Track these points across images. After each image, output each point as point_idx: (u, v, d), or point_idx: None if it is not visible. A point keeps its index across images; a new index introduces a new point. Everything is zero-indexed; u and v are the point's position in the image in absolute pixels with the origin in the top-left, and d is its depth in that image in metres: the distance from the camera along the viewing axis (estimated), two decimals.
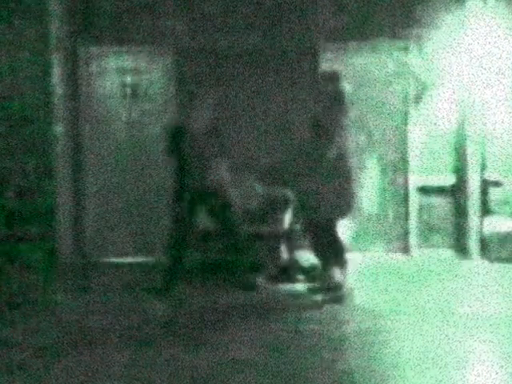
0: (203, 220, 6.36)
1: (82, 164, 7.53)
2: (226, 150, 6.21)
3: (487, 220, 7.20)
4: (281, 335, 4.81)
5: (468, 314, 5.19)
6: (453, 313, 5.27)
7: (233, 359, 4.27)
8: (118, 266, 7.37)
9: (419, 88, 7.32)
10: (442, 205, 7.38)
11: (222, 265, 6.25)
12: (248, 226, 6.74)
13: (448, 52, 7.29)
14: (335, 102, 5.74)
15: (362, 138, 7.20)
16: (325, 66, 7.32)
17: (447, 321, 5.09)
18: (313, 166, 5.78)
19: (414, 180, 7.37)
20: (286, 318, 5.24)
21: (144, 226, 7.61)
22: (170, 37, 7.38)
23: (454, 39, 7.26)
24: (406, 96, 7.39)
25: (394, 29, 7.28)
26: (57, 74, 7.04)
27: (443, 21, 7.27)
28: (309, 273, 6.61)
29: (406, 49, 7.33)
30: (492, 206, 7.22)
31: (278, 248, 6.73)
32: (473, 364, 4.11)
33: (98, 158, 7.61)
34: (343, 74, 7.27)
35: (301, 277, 6.59)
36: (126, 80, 7.55)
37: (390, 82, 7.43)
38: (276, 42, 7.34)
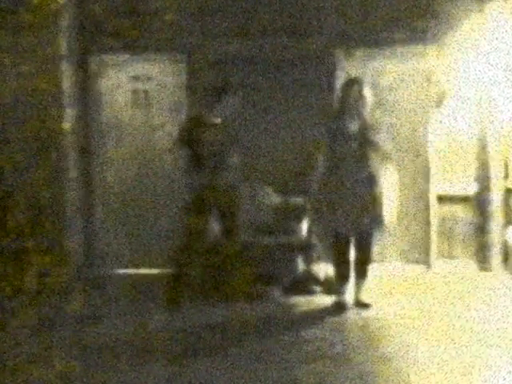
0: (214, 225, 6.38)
1: (92, 172, 7.61)
2: (239, 147, 6.24)
3: (510, 230, 7.12)
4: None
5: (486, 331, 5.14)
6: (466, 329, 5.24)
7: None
8: (128, 277, 7.44)
9: (439, 94, 7.30)
10: (463, 214, 7.32)
11: (229, 274, 6.28)
12: (262, 236, 6.76)
13: (469, 57, 7.25)
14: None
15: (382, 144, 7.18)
16: (341, 72, 7.34)
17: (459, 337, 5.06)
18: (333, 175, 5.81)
19: (435, 188, 7.33)
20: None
21: (155, 236, 7.67)
22: (182, 44, 7.45)
23: (475, 43, 7.22)
24: (426, 103, 7.37)
25: (412, 34, 7.27)
26: (67, 82, 7.14)
27: (463, 24, 7.24)
28: (325, 285, 6.59)
29: (425, 54, 7.31)
30: None
31: (294, 259, 6.72)
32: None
33: (109, 167, 7.69)
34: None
35: (317, 289, 6.58)
36: (137, 87, 7.63)
37: (410, 88, 7.42)
38: (291, 48, 7.37)
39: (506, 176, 7.16)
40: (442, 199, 7.33)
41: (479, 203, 7.26)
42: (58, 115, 6.85)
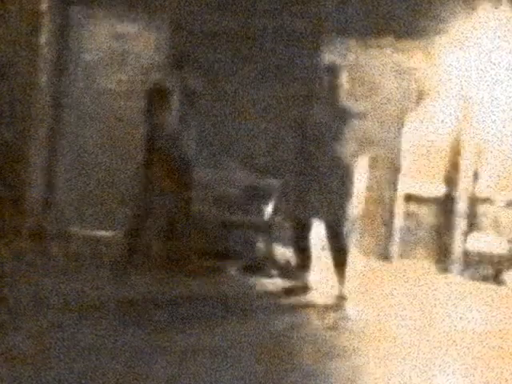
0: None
1: (60, 130, 7.49)
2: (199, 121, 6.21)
3: (472, 237, 7.20)
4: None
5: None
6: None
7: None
8: (85, 238, 7.35)
9: (420, 92, 7.32)
10: (428, 215, 7.38)
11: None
12: (224, 213, 6.71)
13: (453, 58, 7.28)
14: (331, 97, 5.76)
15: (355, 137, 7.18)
16: (326, 58, 7.32)
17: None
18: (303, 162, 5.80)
19: (403, 186, 7.37)
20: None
21: (117, 198, 7.57)
22: (166, 5, 7.35)
23: (461, 46, 7.25)
24: (405, 99, 7.39)
25: (399, 29, 7.27)
26: (46, 36, 7.01)
27: (452, 25, 7.25)
28: (283, 269, 6.58)
29: (410, 50, 7.32)
30: (479, 223, 7.22)
31: (255, 240, 6.70)
32: None
33: (78, 125, 7.57)
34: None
35: (275, 272, 6.56)
36: (116, 46, 7.52)
37: (390, 83, 7.43)
38: (277, 27, 7.32)
39: (475, 183, 7.23)
40: (409, 199, 7.38)
41: (445, 207, 7.32)
42: (34, 69, 6.75)
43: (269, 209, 6.79)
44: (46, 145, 7.37)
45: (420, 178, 7.38)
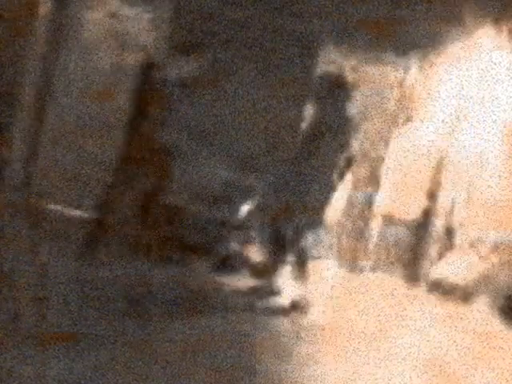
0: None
1: (48, 101, 7.47)
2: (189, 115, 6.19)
3: (444, 260, 7.25)
4: None
5: None
6: None
7: None
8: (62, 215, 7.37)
9: (410, 110, 7.30)
10: (404, 234, 7.42)
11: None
12: (203, 207, 6.75)
13: (448, 79, 7.24)
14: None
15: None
16: (323, 63, 7.28)
17: None
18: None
19: (382, 202, 7.39)
20: None
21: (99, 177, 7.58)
22: None
23: (457, 69, 7.21)
24: (394, 116, 7.37)
25: (397, 44, 7.20)
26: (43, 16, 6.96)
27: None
28: (254, 268, 6.64)
29: (406, 66, 7.28)
30: (454, 247, 7.28)
31: (229, 237, 6.74)
32: None
33: (68, 104, 7.56)
34: None
35: (245, 271, 6.62)
36: (115, 27, 7.48)
37: (383, 97, 7.39)
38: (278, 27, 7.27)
39: (451, 212, 7.25)
40: (386, 215, 7.41)
41: (421, 228, 7.35)
42: (29, 45, 6.71)
43: (246, 207, 6.83)
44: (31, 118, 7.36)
45: (400, 196, 7.40)
